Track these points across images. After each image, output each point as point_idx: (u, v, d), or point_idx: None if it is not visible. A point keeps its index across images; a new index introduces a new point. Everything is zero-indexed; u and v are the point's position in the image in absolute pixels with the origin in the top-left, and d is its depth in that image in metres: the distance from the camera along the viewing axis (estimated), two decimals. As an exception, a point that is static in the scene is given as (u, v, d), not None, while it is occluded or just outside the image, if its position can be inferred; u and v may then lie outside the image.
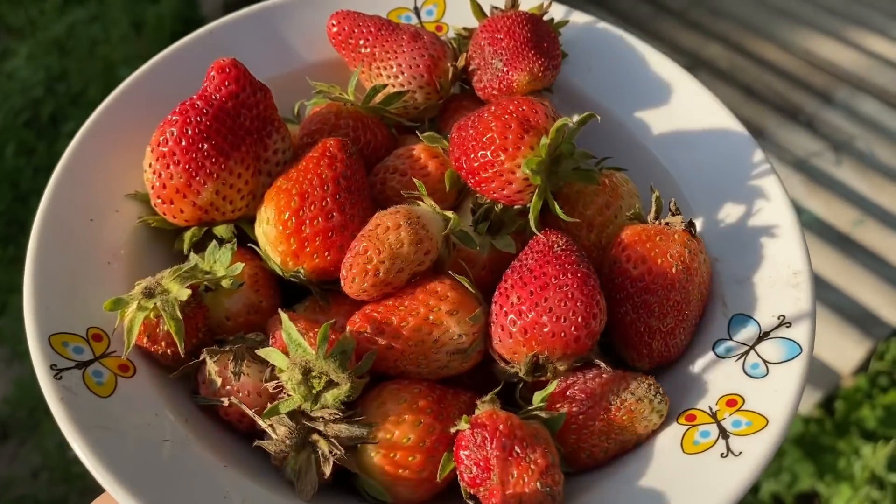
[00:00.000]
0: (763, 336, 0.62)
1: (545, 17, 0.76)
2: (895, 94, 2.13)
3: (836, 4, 2.38)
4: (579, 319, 0.58)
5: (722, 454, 0.56)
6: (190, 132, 0.63)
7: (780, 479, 1.54)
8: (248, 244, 0.66)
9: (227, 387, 0.60)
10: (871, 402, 1.62)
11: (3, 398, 1.67)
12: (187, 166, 0.63)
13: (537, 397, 0.59)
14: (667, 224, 0.65)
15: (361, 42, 0.75)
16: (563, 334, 0.58)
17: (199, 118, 0.63)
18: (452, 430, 0.57)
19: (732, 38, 2.29)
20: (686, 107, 0.75)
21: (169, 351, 0.60)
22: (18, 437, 1.63)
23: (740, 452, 0.55)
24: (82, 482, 1.57)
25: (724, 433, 0.57)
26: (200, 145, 0.63)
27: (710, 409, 0.60)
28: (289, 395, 0.57)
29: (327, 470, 0.57)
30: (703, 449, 0.57)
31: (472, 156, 0.63)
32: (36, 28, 2.36)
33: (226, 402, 0.59)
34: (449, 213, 0.62)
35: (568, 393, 0.60)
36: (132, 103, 0.71)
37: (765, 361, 0.61)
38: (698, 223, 0.71)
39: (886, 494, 1.49)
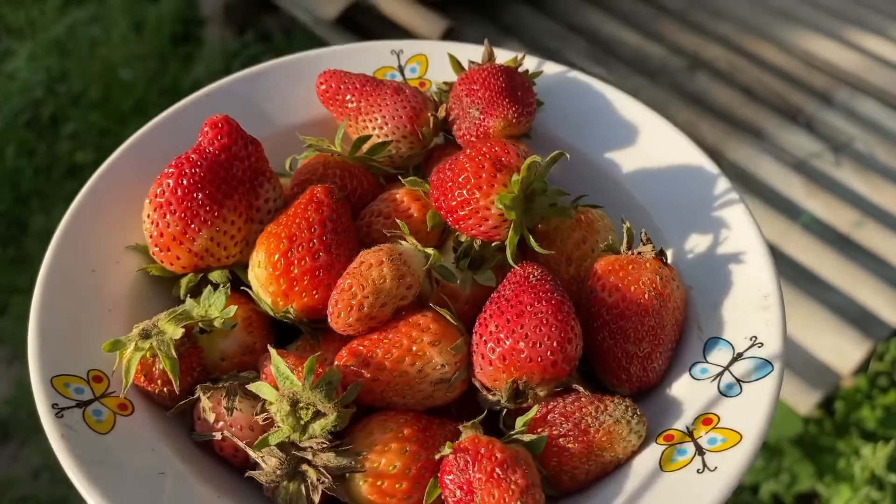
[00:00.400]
0: (736, 357, 0.64)
1: (520, 69, 0.81)
2: (895, 95, 2.15)
3: (836, 6, 2.41)
4: (555, 344, 0.60)
5: (698, 470, 0.58)
6: (185, 182, 0.67)
7: (780, 479, 1.52)
8: (242, 288, 0.69)
9: (221, 422, 0.62)
10: (871, 402, 1.61)
11: (4, 399, 1.68)
12: (183, 215, 0.67)
13: (519, 422, 0.61)
14: (639, 253, 0.68)
15: (348, 97, 0.80)
16: (539, 359, 0.60)
17: (193, 170, 0.67)
18: (437, 456, 0.59)
19: (732, 40, 2.32)
20: (656, 144, 0.78)
21: (165, 389, 0.63)
22: (19, 438, 1.63)
23: (715, 467, 0.57)
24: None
25: (700, 450, 0.59)
26: (195, 195, 0.67)
27: (687, 428, 0.62)
28: (278, 427, 0.59)
29: (316, 498, 0.59)
30: (680, 466, 0.59)
31: (450, 195, 0.67)
32: (36, 29, 2.41)
33: (219, 436, 0.62)
34: (429, 250, 0.66)
35: (548, 417, 0.62)
36: (131, 163, 0.75)
37: (738, 381, 0.63)
38: (672, 253, 0.74)
39: (886, 495, 1.48)
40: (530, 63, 0.85)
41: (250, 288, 0.69)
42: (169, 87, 2.34)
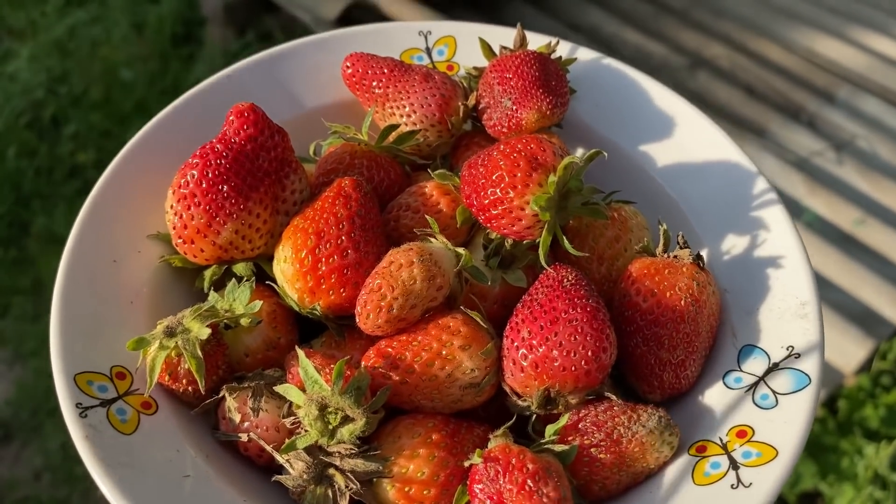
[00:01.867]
0: (772, 367, 0.63)
1: (553, 56, 0.78)
2: (898, 92, 2.12)
3: (838, 4, 2.36)
4: (589, 353, 0.59)
5: (732, 485, 0.57)
6: (210, 174, 0.65)
7: None
8: (267, 281, 0.68)
9: (246, 423, 0.61)
10: (874, 401, 1.60)
11: (6, 400, 1.68)
12: (208, 207, 0.65)
13: (549, 430, 0.60)
14: (675, 257, 0.66)
15: (375, 83, 0.77)
16: (573, 368, 0.59)
17: (218, 161, 0.65)
18: (466, 463, 0.58)
19: (734, 38, 2.28)
20: (693, 139, 0.76)
21: (190, 388, 0.62)
22: (21, 439, 1.64)
23: (750, 483, 0.56)
24: (84, 484, 1.58)
25: (734, 464, 0.58)
26: (220, 187, 0.65)
27: (721, 440, 0.60)
28: (306, 431, 0.58)
29: (344, 503, 0.58)
30: (713, 480, 0.58)
31: (482, 193, 0.65)
32: (37, 30, 2.39)
33: (245, 437, 0.61)
34: (460, 250, 0.64)
35: (580, 426, 0.61)
36: (152, 148, 0.73)
37: (774, 392, 0.61)
38: (707, 254, 0.72)
39: (889, 494, 1.48)
40: (563, 49, 0.82)
41: (275, 281, 0.68)
42: (170, 88, 2.32)
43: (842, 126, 2.04)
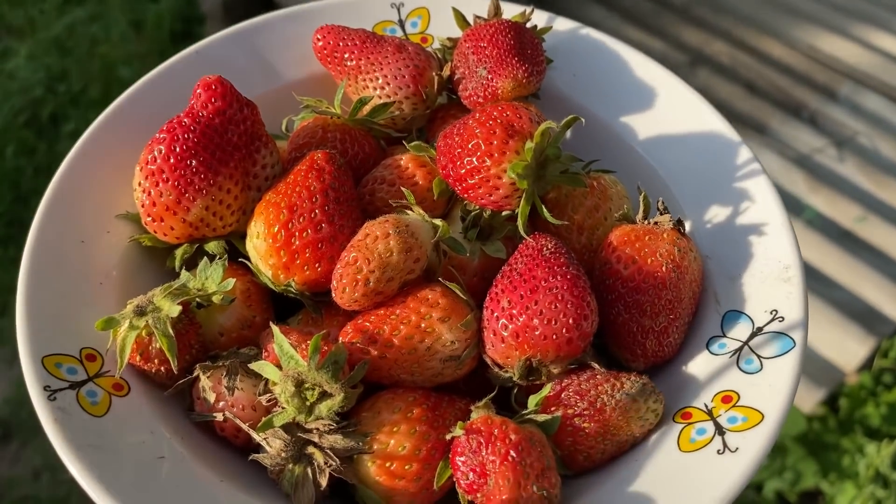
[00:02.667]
0: (756, 332, 0.62)
1: (528, 25, 0.76)
2: (900, 90, 2.12)
3: (839, 0, 2.37)
4: (570, 321, 0.58)
5: (718, 451, 0.56)
6: (178, 149, 0.63)
7: (784, 477, 1.52)
8: (240, 259, 0.66)
9: (222, 402, 0.60)
10: (875, 399, 1.60)
11: (5, 399, 1.66)
12: (176, 183, 0.63)
13: (532, 401, 0.59)
14: (655, 224, 0.65)
15: (347, 55, 0.76)
16: (554, 337, 0.58)
17: (186, 135, 0.63)
18: (448, 437, 0.57)
19: (735, 34, 2.28)
20: (672, 107, 0.75)
21: (162, 368, 0.60)
22: (20, 439, 1.62)
23: (737, 448, 0.55)
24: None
25: (720, 430, 0.57)
26: (189, 162, 0.63)
27: (706, 406, 0.60)
28: (283, 408, 0.57)
29: (324, 482, 0.57)
30: (699, 446, 0.57)
31: (459, 163, 0.63)
32: (36, 28, 2.38)
33: (220, 417, 0.59)
34: (438, 221, 0.62)
35: (562, 396, 0.60)
36: (120, 125, 0.71)
37: (759, 357, 0.60)
38: (688, 222, 0.71)
39: (891, 493, 1.48)
40: (539, 18, 0.80)
41: (248, 259, 0.66)
42: (170, 86, 2.31)
43: (843, 123, 2.04)
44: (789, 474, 1.52)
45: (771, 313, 0.62)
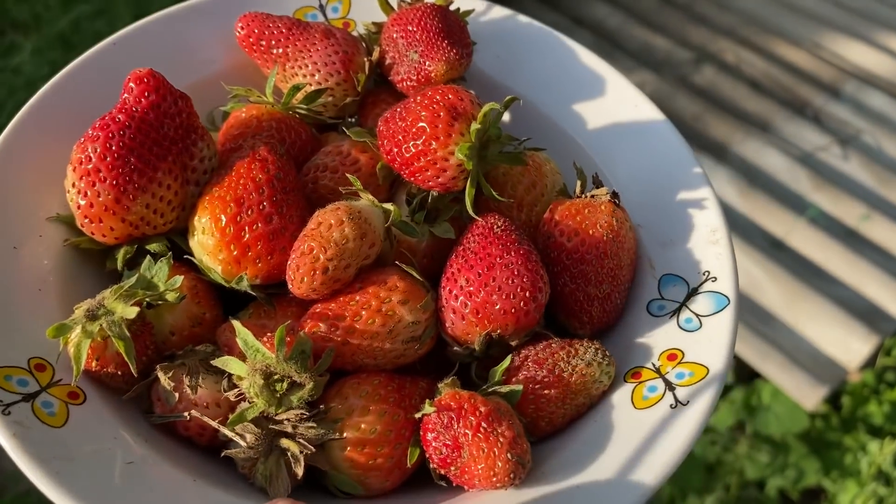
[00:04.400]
0: (692, 292, 0.66)
1: (451, 8, 0.78)
2: (903, 88, 2.13)
3: None
4: (527, 294, 0.60)
5: (671, 405, 0.60)
6: (114, 147, 0.61)
7: (786, 474, 1.53)
8: (184, 256, 0.65)
9: (184, 401, 0.59)
10: (878, 397, 1.62)
11: None
12: (115, 182, 0.61)
13: (495, 374, 0.61)
14: (592, 197, 0.69)
15: (273, 43, 0.75)
16: (513, 311, 0.60)
17: (122, 132, 0.61)
18: (417, 415, 0.59)
19: (739, 32, 2.27)
20: (594, 84, 0.78)
21: (119, 372, 0.58)
22: None
23: (688, 401, 0.59)
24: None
25: (669, 385, 0.61)
26: (126, 160, 0.61)
27: (654, 364, 0.64)
28: (252, 402, 0.56)
29: (300, 471, 0.57)
30: (652, 403, 0.61)
31: (405, 147, 0.64)
32: (41, 23, 2.26)
33: (186, 416, 0.58)
34: (388, 206, 0.63)
35: (522, 366, 0.62)
36: (40, 123, 0.68)
37: (696, 315, 0.65)
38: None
39: (893, 491, 1.50)
40: (459, 0, 0.82)
41: (192, 255, 0.65)
42: (173, 81, 2.21)
43: (847, 121, 2.04)
44: (791, 472, 1.53)
45: (704, 274, 0.67)
